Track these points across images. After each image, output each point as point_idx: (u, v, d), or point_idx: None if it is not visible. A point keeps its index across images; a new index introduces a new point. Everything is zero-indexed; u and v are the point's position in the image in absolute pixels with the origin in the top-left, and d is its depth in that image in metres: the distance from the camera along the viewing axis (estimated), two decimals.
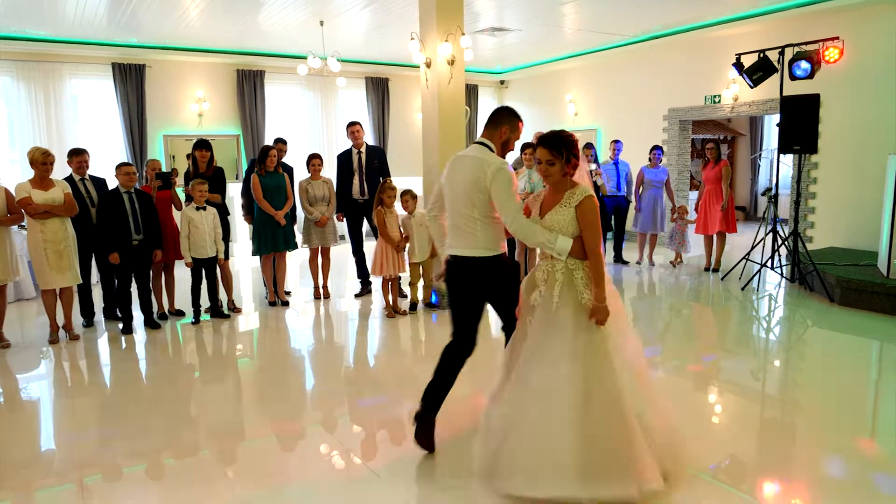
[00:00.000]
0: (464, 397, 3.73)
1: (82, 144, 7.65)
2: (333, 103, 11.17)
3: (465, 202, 2.99)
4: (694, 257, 8.68)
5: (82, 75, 9.20)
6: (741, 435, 3.33)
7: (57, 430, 3.67)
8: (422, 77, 6.17)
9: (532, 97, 12.55)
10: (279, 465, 3.09)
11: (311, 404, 3.89)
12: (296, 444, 3.36)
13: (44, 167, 5.10)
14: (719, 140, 12.95)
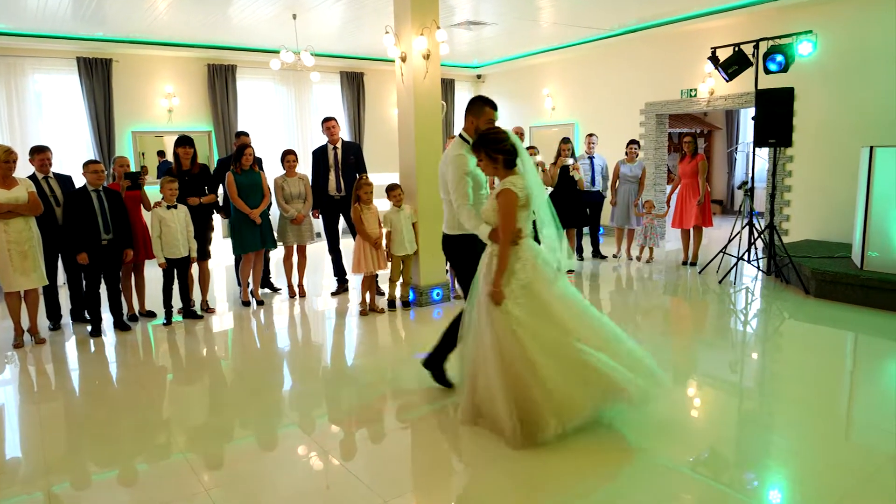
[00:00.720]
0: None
1: (47, 141, 7.49)
2: (308, 98, 11.07)
3: (441, 188, 3.65)
4: (672, 252, 8.78)
5: (46, 70, 8.98)
6: (720, 427, 3.38)
7: (23, 437, 3.57)
8: (397, 72, 6.13)
9: (509, 91, 12.57)
10: (256, 467, 3.05)
11: (288, 405, 3.85)
12: (273, 445, 3.31)
13: (6, 165, 4.96)
14: (696, 134, 13.11)
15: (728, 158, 13.59)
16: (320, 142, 7.15)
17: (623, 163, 8.18)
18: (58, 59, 8.98)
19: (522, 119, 12.01)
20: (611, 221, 8.37)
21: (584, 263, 8.17)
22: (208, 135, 10.25)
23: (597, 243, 8.55)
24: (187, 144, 5.94)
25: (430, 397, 3.85)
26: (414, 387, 3.99)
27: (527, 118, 12.02)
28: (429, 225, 5.97)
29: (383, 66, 11.52)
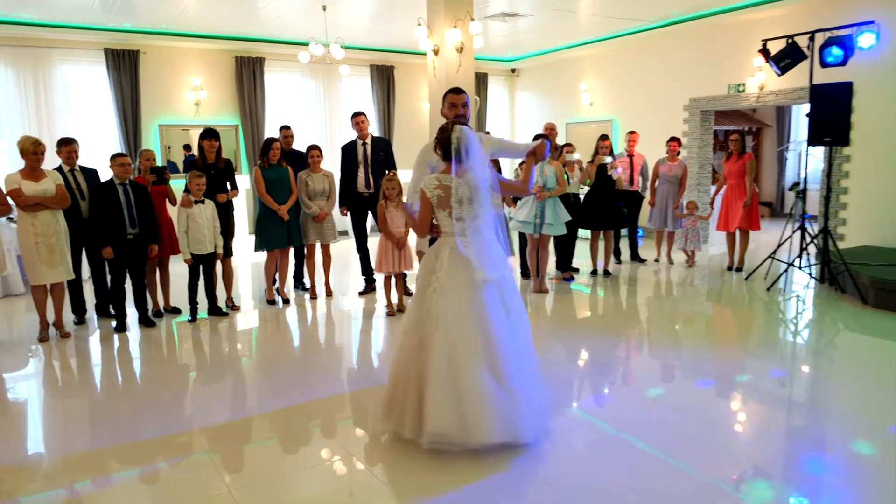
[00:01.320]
0: None
1: (74, 133, 7.70)
2: (336, 92, 11.17)
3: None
4: (716, 256, 8.61)
5: (73, 61, 9.23)
6: (766, 445, 3.30)
7: (46, 432, 3.67)
8: (429, 65, 6.14)
9: (545, 86, 12.49)
10: (279, 469, 3.08)
11: (311, 406, 3.88)
12: (296, 448, 3.34)
13: (34, 157, 5.12)
14: (744, 131, 12.85)
15: (778, 158, 13.28)
16: (349, 137, 7.20)
17: (663, 161, 8.06)
18: (85, 51, 9.22)
19: (558, 115, 11.93)
20: (649, 223, 8.26)
21: (621, 267, 8.07)
22: (235, 129, 10.41)
23: (635, 246, 8.44)
24: (212, 137, 6.01)
25: None
26: None
27: (563, 114, 11.94)
28: None
29: (415, 60, 11.56)
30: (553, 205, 6.49)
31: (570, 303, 6.44)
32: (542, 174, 6.44)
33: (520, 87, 13.25)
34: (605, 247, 7.58)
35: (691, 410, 3.66)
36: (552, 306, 6.29)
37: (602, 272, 7.55)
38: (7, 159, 8.61)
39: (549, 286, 6.92)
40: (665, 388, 4.11)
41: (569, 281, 7.24)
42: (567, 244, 7.30)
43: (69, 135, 6.48)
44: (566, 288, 6.99)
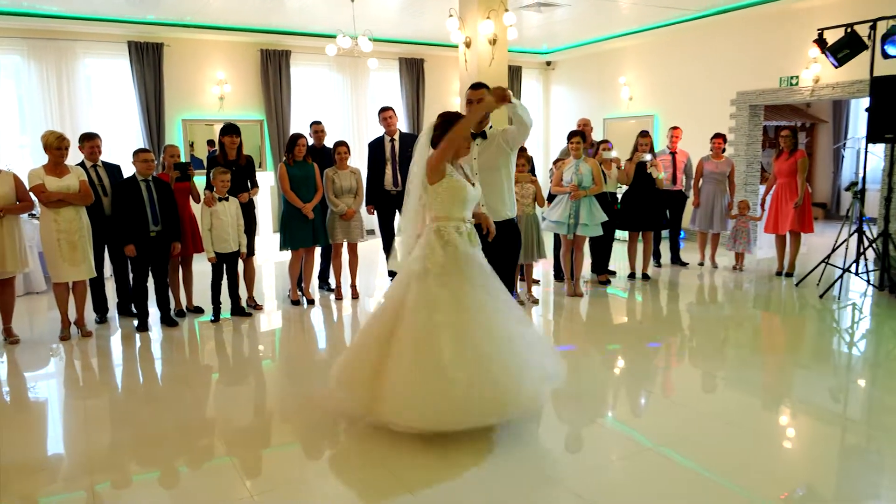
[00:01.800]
0: None
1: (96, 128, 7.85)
2: (364, 86, 11.25)
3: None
4: (764, 260, 8.44)
5: (96, 54, 9.46)
6: (818, 463, 3.22)
7: (66, 432, 3.77)
8: (460, 58, 6.15)
9: (582, 80, 12.41)
10: (301, 474, 3.11)
11: (334, 411, 3.90)
12: (319, 453, 3.37)
13: (58, 152, 5.25)
14: (796, 127, 12.58)
15: (834, 156, 12.97)
16: (376, 133, 7.24)
17: (707, 159, 7.94)
18: (109, 44, 9.45)
19: (596, 110, 11.83)
20: (691, 224, 8.12)
21: (660, 270, 7.97)
22: (260, 124, 10.56)
23: (677, 248, 8.33)
24: (233, 133, 6.08)
25: None
26: None
27: (601, 109, 11.84)
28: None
29: (445, 52, 11.58)
30: (588, 204, 6.44)
31: (605, 308, 6.38)
32: (577, 172, 6.39)
33: (555, 80, 13.19)
34: (643, 249, 7.50)
35: (736, 424, 3.60)
36: (587, 311, 6.24)
37: (640, 276, 7.47)
38: (29, 154, 8.87)
39: (583, 290, 6.87)
40: (707, 400, 4.05)
41: (605, 285, 7.18)
42: (603, 246, 7.24)
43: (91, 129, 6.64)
44: (602, 292, 6.93)
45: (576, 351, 5.08)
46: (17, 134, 9.23)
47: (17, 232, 5.25)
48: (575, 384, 4.27)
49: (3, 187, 5.13)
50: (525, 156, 6.28)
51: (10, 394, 4.35)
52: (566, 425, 3.69)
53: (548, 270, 7.80)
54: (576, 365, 4.67)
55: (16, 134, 9.22)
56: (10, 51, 8.91)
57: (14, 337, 5.37)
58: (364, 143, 10.18)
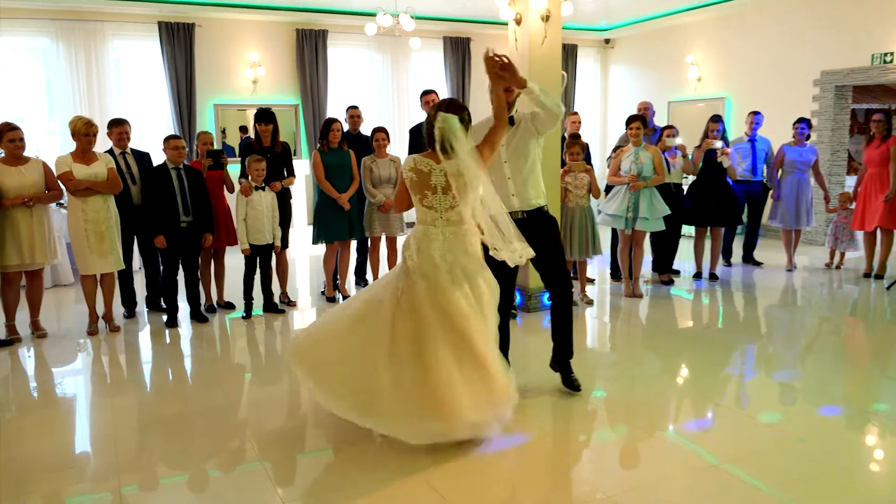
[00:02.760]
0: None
1: (125, 114, 8.13)
2: (406, 68, 11.32)
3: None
4: (850, 259, 8.18)
5: (126, 35, 9.77)
6: None
7: (93, 431, 3.92)
8: (510, 36, 6.13)
9: (644, 59, 12.24)
10: (337, 481, 3.18)
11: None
12: (356, 459, 3.43)
13: (86, 139, 5.45)
14: (890, 111, 12.13)
15: None
16: (418, 118, 7.29)
17: (789, 146, 7.72)
18: (138, 24, 9.74)
19: (659, 93, 11.64)
20: (770, 220, 7.89)
21: (731, 270, 7.81)
22: (295, 109, 10.74)
23: (752, 246, 8.14)
24: (267, 120, 6.21)
25: (528, 412, 3.84)
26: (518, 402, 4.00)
27: (665, 92, 11.66)
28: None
29: (493, 31, 11.55)
30: (649, 196, 6.35)
31: (668, 310, 6.31)
32: (636, 160, 6.32)
33: (614, 60, 13.03)
34: (711, 246, 7.36)
35: (813, 441, 3.52)
36: (647, 314, 6.17)
37: (708, 276, 7.34)
38: (58, 140, 9.21)
39: (643, 290, 6.79)
40: (782, 414, 3.96)
41: (667, 285, 7.08)
42: (667, 243, 7.13)
43: (120, 115, 6.86)
44: (664, 293, 6.84)
45: (633, 358, 5.04)
46: (45, 120, 9.59)
47: (46, 222, 5.48)
48: (631, 394, 4.24)
49: (33, 175, 5.35)
50: (580, 143, 6.23)
51: (37, 389, 4.55)
52: (621, 438, 3.67)
53: (604, 269, 7.73)
54: (633, 373, 4.64)
55: (44, 120, 9.58)
56: (39, 32, 9.26)
57: (42, 330, 5.61)
58: (405, 128, 10.24)
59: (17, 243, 5.28)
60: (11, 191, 5.22)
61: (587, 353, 5.09)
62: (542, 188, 4.11)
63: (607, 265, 7.55)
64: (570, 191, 6.11)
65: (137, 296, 6.35)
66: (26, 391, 4.51)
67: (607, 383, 4.40)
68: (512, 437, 3.59)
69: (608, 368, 4.74)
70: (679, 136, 7.07)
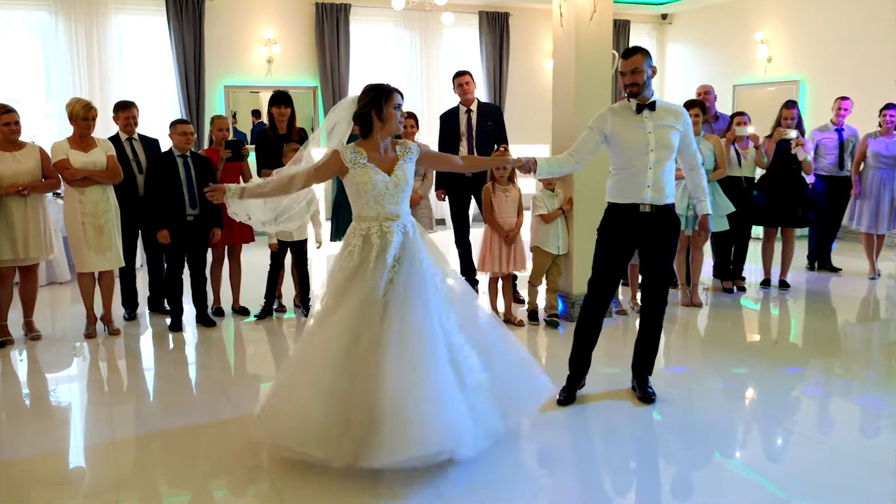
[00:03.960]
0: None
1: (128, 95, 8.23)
2: (437, 47, 11.35)
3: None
4: None
5: (130, 10, 9.96)
6: None
7: (89, 443, 3.98)
8: (554, 11, 6.10)
9: (705, 37, 12.12)
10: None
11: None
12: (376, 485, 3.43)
13: (84, 123, 5.51)
14: None
15: None
16: (451, 103, 7.29)
17: (874, 137, 7.55)
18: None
19: (724, 75, 11.49)
20: (849, 222, 7.73)
21: (805, 276, 7.68)
22: (313, 91, 10.82)
23: (828, 249, 8.00)
24: (283, 103, 6.25)
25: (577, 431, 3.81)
26: (561, 419, 3.98)
27: (729, 74, 11.51)
28: (586, 216, 5.87)
29: (536, 5, 11.53)
30: (710, 192, 6.26)
31: (732, 322, 6.24)
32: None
33: (672, 37, 12.91)
34: (783, 250, 7.23)
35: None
36: (707, 325, 6.12)
37: (777, 283, 7.22)
38: (55, 124, 9.39)
39: (703, 299, 6.71)
40: (861, 444, 3.89)
41: (731, 293, 6.99)
42: (730, 245, 7.03)
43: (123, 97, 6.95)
44: (727, 302, 6.76)
45: (689, 374, 4.99)
46: (42, 101, 9.79)
47: (41, 213, 5.57)
48: (689, 416, 4.20)
49: (29, 162, 5.45)
50: None
51: (30, 396, 4.64)
52: (673, 465, 3.64)
53: None
54: (689, 392, 4.59)
55: (41, 101, 9.78)
56: (36, 5, 9.45)
57: (35, 332, 5.71)
58: (435, 114, 10.25)
59: (11, 236, 5.37)
60: (5, 178, 5.30)
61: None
62: (673, 186, 4.25)
63: None
64: None
65: (139, 296, 6.43)
66: (18, 398, 4.60)
67: (662, 404, 4.35)
68: (557, 459, 3.56)
69: (663, 387, 4.68)
70: (751, 125, 6.96)
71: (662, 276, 4.23)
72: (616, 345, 5.40)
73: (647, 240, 4.11)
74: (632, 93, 4.09)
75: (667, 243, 4.18)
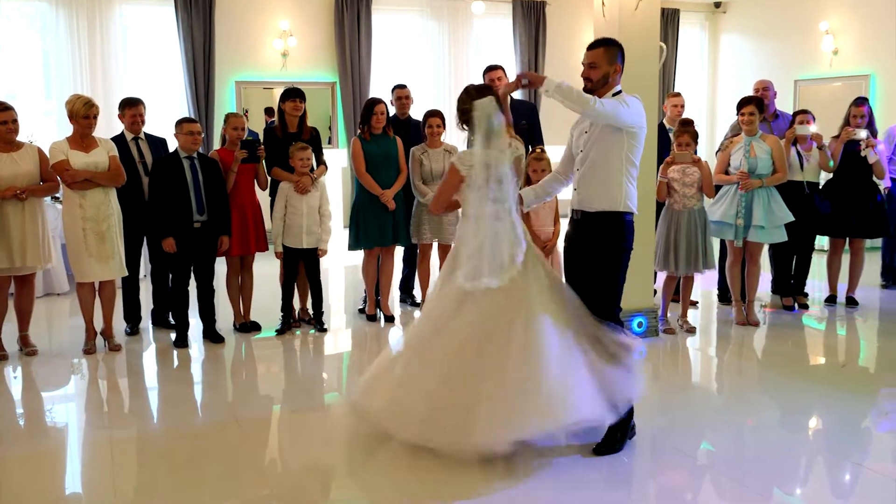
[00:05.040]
0: None
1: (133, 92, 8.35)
2: (466, 38, 11.38)
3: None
4: None
5: (136, 0, 10.06)
6: None
7: (87, 468, 4.00)
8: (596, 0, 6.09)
9: (763, 27, 12.05)
10: None
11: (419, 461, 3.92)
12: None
13: (85, 122, 5.58)
14: None
15: None
16: None
17: None
18: None
19: (783, 69, 11.39)
20: None
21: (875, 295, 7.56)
22: (332, 87, 10.88)
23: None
24: (296, 98, 6.27)
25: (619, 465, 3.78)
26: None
27: (790, 67, 11.42)
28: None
29: None
30: (766, 199, 6.19)
31: (792, 343, 6.18)
32: (748, 154, 6.16)
33: (727, 28, 12.84)
34: (850, 263, 7.13)
35: None
36: (764, 346, 6.05)
37: (845, 300, 7.12)
38: (55, 122, 9.53)
39: (760, 317, 6.62)
40: None
41: (792, 311, 6.90)
42: (791, 257, 6.95)
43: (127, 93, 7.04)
44: (787, 321, 6.68)
45: (743, 400, 4.93)
46: (41, 98, 9.95)
47: (40, 218, 5.63)
48: (744, 449, 4.15)
49: (27, 164, 5.52)
50: (690, 131, 6.07)
51: (24, 416, 4.69)
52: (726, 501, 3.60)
53: (710, 289, 7.57)
54: (743, 420, 4.54)
55: (40, 98, 9.95)
56: None
57: (31, 347, 5.77)
58: None
59: (7, 243, 5.43)
60: (2, 181, 5.36)
61: (689, 395, 4.99)
62: (623, 191, 3.99)
63: (714, 284, 7.39)
64: (676, 189, 6.00)
65: (142, 309, 6.49)
66: (11, 418, 4.65)
67: (714, 434, 4.30)
68: (598, 497, 3.53)
69: (715, 415, 4.63)
70: (814, 124, 6.88)
71: (599, 294, 3.99)
72: (660, 367, 5.36)
73: (581, 251, 4.06)
74: (584, 87, 4.04)
75: (598, 256, 3.98)
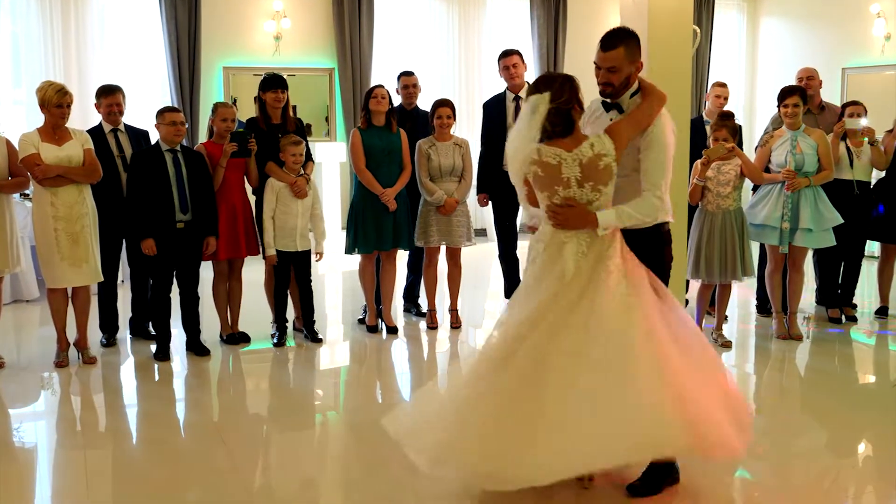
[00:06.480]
0: None
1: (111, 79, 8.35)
2: (479, 23, 11.38)
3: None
4: None
5: None
6: None
7: (57, 493, 4.02)
8: None
9: (808, 10, 12.04)
10: None
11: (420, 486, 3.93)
12: None
13: (58, 111, 5.55)
14: None
15: None
16: (495, 89, 7.31)
17: None
18: None
19: (830, 56, 11.36)
20: None
21: None
22: (329, 74, 10.88)
23: None
24: (277, 88, 6.25)
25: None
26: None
27: (837, 55, 11.39)
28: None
29: None
30: (812, 199, 6.17)
31: (838, 359, 6.18)
32: (793, 150, 6.14)
33: (767, 10, 12.83)
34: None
35: None
36: (807, 362, 6.08)
37: None
38: (24, 112, 9.54)
39: (803, 330, 6.60)
40: None
41: (839, 323, 6.88)
42: (838, 264, 6.94)
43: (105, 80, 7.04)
44: (833, 335, 6.68)
45: (785, 422, 4.93)
46: (9, 86, 9.96)
47: (7, 218, 5.63)
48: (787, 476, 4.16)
49: None
50: (729, 125, 6.00)
51: None
52: None
53: (748, 299, 7.55)
54: (789, 447, 4.53)
55: (8, 86, 9.95)
56: None
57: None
58: (477, 102, 10.27)
59: None
60: None
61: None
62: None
63: (752, 294, 7.38)
64: (709, 188, 5.97)
65: (120, 318, 6.47)
66: None
67: (754, 460, 4.28)
68: None
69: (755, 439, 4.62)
70: (865, 117, 6.85)
71: None
72: None
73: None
74: (604, 92, 4.09)
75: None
